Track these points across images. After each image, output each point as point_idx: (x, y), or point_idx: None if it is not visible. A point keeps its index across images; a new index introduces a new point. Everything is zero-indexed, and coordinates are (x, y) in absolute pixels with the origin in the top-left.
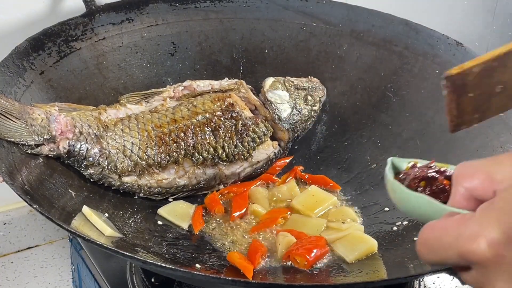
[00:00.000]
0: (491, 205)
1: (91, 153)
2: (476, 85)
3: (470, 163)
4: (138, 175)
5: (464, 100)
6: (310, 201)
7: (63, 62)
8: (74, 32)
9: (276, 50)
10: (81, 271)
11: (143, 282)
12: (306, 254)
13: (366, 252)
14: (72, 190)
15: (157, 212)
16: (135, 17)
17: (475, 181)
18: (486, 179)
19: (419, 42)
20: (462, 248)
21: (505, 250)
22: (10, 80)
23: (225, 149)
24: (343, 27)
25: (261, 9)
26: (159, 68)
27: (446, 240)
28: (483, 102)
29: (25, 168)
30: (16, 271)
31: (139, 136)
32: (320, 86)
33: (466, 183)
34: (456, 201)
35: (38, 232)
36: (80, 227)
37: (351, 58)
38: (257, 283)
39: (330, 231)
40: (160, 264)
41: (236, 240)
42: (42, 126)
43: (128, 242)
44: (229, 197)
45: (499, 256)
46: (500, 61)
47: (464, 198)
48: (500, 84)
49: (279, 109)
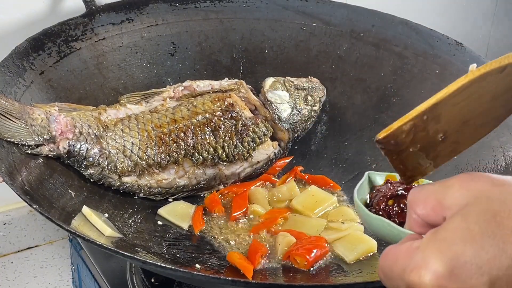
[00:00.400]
0: (435, 235)
1: (91, 153)
2: (413, 140)
3: (423, 188)
4: (138, 175)
5: (407, 155)
6: (310, 201)
7: (63, 62)
8: (74, 32)
9: (276, 50)
10: (81, 271)
11: (143, 282)
12: (306, 254)
13: (366, 252)
14: (72, 190)
15: (157, 212)
16: (135, 17)
17: (427, 207)
18: (437, 205)
19: (419, 42)
20: (408, 280)
21: (448, 282)
22: (10, 80)
23: (225, 149)
24: (343, 27)
25: (261, 9)
26: (159, 68)
27: (395, 270)
28: (429, 152)
29: (25, 168)
30: (16, 271)
31: (139, 136)
32: (320, 86)
33: (418, 209)
34: (410, 226)
35: (38, 232)
36: (80, 227)
37: (351, 58)
38: (257, 283)
39: (330, 231)
40: (160, 264)
41: (236, 240)
42: (42, 126)
43: (128, 242)
44: (229, 197)
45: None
46: (429, 114)
47: (417, 224)
48: (440, 133)
49: (279, 109)
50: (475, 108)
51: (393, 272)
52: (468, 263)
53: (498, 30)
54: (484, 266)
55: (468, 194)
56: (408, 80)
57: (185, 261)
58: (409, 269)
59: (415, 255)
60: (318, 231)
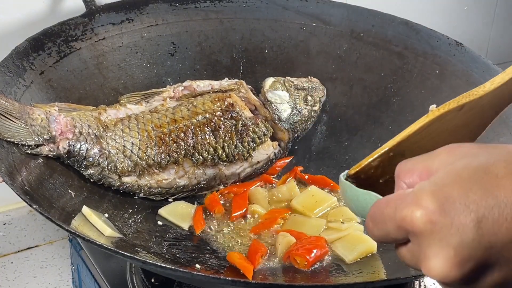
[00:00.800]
0: (428, 181)
1: (91, 153)
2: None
3: (409, 160)
4: (138, 176)
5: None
6: (310, 201)
7: (63, 62)
8: (74, 32)
9: (276, 50)
10: (81, 271)
11: (143, 282)
12: (306, 255)
13: (366, 252)
14: (72, 190)
15: (158, 212)
16: (135, 17)
17: (414, 175)
18: (424, 171)
19: (419, 42)
20: (399, 217)
21: (438, 217)
22: (10, 80)
23: (225, 149)
24: (343, 27)
25: (261, 9)
26: (159, 68)
27: (386, 212)
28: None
29: (25, 168)
30: (16, 271)
31: (139, 136)
32: (320, 86)
33: (406, 178)
34: None
35: (38, 232)
36: (80, 227)
37: (351, 58)
38: (257, 283)
39: (330, 231)
40: (160, 264)
41: (236, 240)
42: (42, 126)
43: (128, 242)
44: (229, 197)
45: (432, 222)
46: (394, 151)
47: None
48: None
49: (279, 109)
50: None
51: (384, 214)
52: (457, 202)
53: (498, 30)
54: (471, 205)
55: (455, 156)
56: (408, 80)
57: (185, 261)
58: (401, 206)
59: (408, 196)
60: (318, 231)
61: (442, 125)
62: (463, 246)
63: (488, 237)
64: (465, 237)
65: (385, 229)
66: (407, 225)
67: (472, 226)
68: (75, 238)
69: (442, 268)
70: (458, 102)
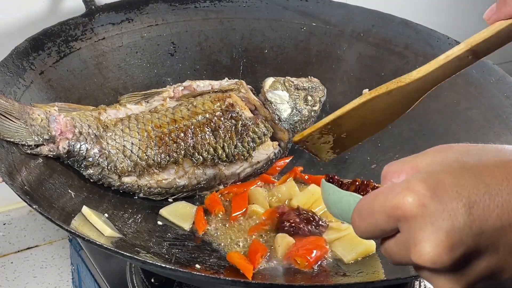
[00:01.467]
0: (419, 172)
1: (91, 153)
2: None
3: (397, 161)
4: (138, 176)
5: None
6: (310, 201)
7: (63, 62)
8: (74, 32)
9: (276, 50)
10: (81, 271)
11: (143, 282)
12: (306, 255)
13: (364, 252)
14: (71, 190)
15: (159, 212)
16: (135, 17)
17: (402, 174)
18: (411, 170)
19: (419, 42)
20: (390, 205)
21: (429, 201)
22: (10, 80)
23: (225, 149)
24: (343, 27)
25: (261, 9)
26: (159, 68)
27: (376, 202)
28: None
29: (25, 168)
30: (16, 271)
31: (139, 136)
32: (320, 86)
33: (394, 178)
34: None
35: (38, 232)
36: (79, 227)
37: (351, 58)
38: (257, 283)
39: (330, 231)
40: (160, 264)
41: (236, 240)
42: (42, 126)
43: (128, 243)
44: (229, 197)
45: (424, 206)
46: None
47: None
48: (344, 133)
49: (279, 109)
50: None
51: (372, 206)
52: (449, 189)
53: None
54: (463, 192)
55: (445, 153)
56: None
57: (185, 261)
58: (392, 195)
59: (398, 185)
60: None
61: (372, 105)
62: (455, 230)
63: (479, 222)
64: (456, 222)
65: (373, 221)
66: (399, 211)
67: (464, 211)
68: (75, 238)
69: (433, 253)
70: (387, 87)
